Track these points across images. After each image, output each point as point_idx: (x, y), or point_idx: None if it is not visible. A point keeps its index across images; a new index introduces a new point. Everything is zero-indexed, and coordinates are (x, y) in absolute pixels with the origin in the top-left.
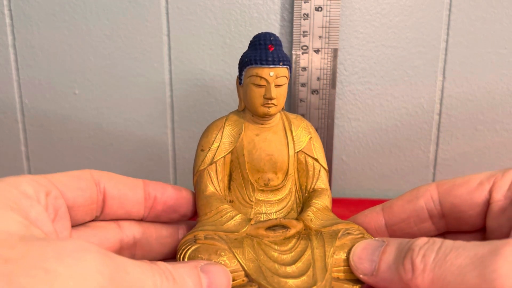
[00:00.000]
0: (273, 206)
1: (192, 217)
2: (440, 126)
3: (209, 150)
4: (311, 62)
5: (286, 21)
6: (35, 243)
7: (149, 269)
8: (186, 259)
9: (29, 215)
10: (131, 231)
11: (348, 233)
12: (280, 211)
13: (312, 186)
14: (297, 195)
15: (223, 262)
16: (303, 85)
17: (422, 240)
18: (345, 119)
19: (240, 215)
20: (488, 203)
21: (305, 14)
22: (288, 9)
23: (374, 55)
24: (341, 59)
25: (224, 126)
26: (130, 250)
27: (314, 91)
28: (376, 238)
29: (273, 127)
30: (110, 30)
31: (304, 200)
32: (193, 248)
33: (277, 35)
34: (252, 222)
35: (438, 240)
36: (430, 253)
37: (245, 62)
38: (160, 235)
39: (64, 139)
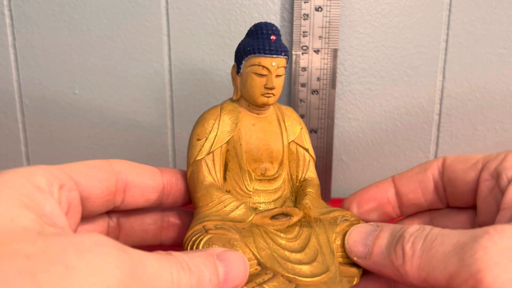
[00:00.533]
0: (270, 195)
1: (182, 206)
2: (440, 126)
3: (206, 139)
4: (311, 62)
5: (286, 21)
6: (54, 238)
7: (165, 261)
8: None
9: (43, 209)
10: (117, 216)
11: (346, 220)
12: (277, 200)
13: (303, 175)
14: (290, 185)
15: None
16: (303, 85)
17: (414, 227)
18: (345, 119)
19: (243, 204)
20: (477, 182)
21: (305, 14)
22: (288, 9)
23: (374, 55)
24: (341, 59)
25: (220, 115)
26: (115, 234)
27: (314, 91)
28: (371, 223)
29: (268, 117)
30: (110, 30)
31: (296, 189)
32: (206, 238)
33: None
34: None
35: (428, 228)
36: (418, 240)
37: (247, 51)
38: (143, 222)
39: (64, 139)
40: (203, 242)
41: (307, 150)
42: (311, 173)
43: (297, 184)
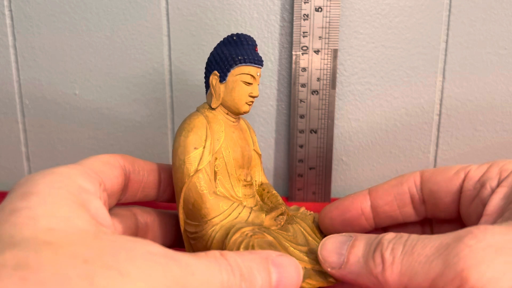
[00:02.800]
0: (252, 200)
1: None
2: (440, 126)
3: (204, 147)
4: (311, 63)
5: (286, 22)
6: (107, 242)
7: (215, 265)
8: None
9: (90, 209)
10: (143, 217)
11: (310, 214)
12: (257, 204)
13: (261, 179)
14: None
15: None
16: (303, 85)
17: (390, 235)
18: (345, 120)
19: (251, 209)
20: (460, 192)
21: (305, 14)
22: (288, 9)
23: (374, 56)
24: (341, 60)
25: (208, 123)
26: (144, 236)
27: (314, 92)
28: (343, 234)
29: (240, 125)
30: (110, 31)
31: (260, 192)
32: (256, 242)
33: (277, 35)
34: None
35: (405, 235)
36: (398, 246)
37: (236, 60)
38: (165, 222)
39: (64, 140)
40: (256, 245)
41: (260, 155)
42: (264, 177)
43: (258, 187)
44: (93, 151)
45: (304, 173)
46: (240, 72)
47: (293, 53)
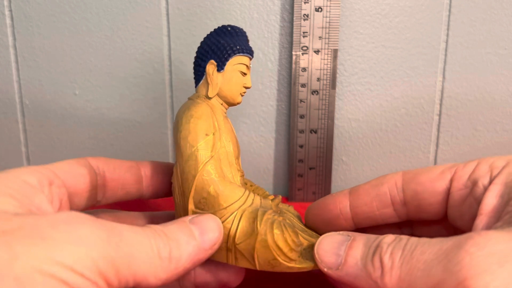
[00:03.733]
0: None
1: (163, 197)
2: (440, 126)
3: (214, 134)
4: (311, 63)
5: (286, 22)
6: (29, 216)
7: (141, 230)
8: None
9: (32, 202)
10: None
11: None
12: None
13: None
14: None
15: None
16: (303, 85)
17: (390, 237)
18: (345, 120)
19: (258, 196)
20: (448, 192)
21: (305, 14)
22: (288, 9)
23: (374, 56)
24: (341, 60)
25: (213, 112)
26: None
27: (314, 92)
28: (341, 232)
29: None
30: (110, 31)
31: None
32: (286, 223)
33: (277, 35)
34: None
35: (405, 237)
36: (397, 250)
37: (235, 49)
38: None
39: (64, 140)
40: (290, 228)
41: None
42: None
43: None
44: (93, 151)
45: (304, 173)
46: (237, 62)
47: (293, 53)
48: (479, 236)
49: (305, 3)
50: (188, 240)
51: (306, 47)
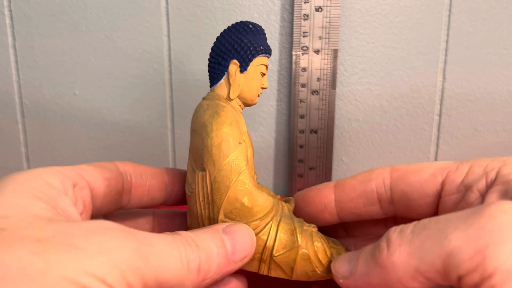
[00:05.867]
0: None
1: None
2: (440, 126)
3: (244, 142)
4: (311, 63)
5: (286, 22)
6: (62, 223)
7: (171, 240)
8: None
9: (57, 204)
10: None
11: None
12: None
13: None
14: None
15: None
16: (303, 85)
17: (397, 226)
18: (345, 120)
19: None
20: (439, 195)
21: (305, 14)
22: (288, 9)
23: (374, 56)
24: (341, 60)
25: (239, 116)
26: None
27: (314, 92)
28: (354, 251)
29: None
30: (110, 30)
31: None
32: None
33: (277, 35)
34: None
35: (412, 223)
36: (407, 227)
37: (259, 50)
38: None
39: (64, 140)
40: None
41: None
42: None
43: None
44: (93, 151)
45: (304, 173)
46: (259, 63)
47: (293, 53)
48: (504, 202)
49: (305, 3)
50: (219, 252)
51: (306, 47)
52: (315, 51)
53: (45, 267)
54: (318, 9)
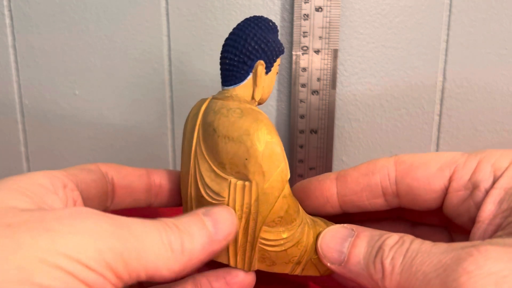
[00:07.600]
0: None
1: (171, 207)
2: (441, 127)
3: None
4: (311, 63)
5: (286, 22)
6: (36, 211)
7: (150, 223)
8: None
9: (44, 201)
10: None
11: None
12: None
13: None
14: None
15: None
16: (303, 85)
17: (393, 239)
18: (345, 120)
19: None
20: (446, 190)
21: (305, 14)
22: (288, 9)
23: (374, 56)
24: (341, 60)
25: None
26: None
27: (314, 92)
28: (345, 225)
29: None
30: (110, 30)
31: None
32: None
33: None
34: None
35: (408, 240)
36: (398, 256)
37: (281, 50)
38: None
39: (64, 140)
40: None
41: None
42: None
43: None
44: (93, 151)
45: (304, 173)
46: (278, 63)
47: (293, 53)
48: (479, 253)
49: (305, 3)
50: (201, 233)
51: (306, 47)
52: (315, 51)
53: (13, 248)
54: (318, 9)
